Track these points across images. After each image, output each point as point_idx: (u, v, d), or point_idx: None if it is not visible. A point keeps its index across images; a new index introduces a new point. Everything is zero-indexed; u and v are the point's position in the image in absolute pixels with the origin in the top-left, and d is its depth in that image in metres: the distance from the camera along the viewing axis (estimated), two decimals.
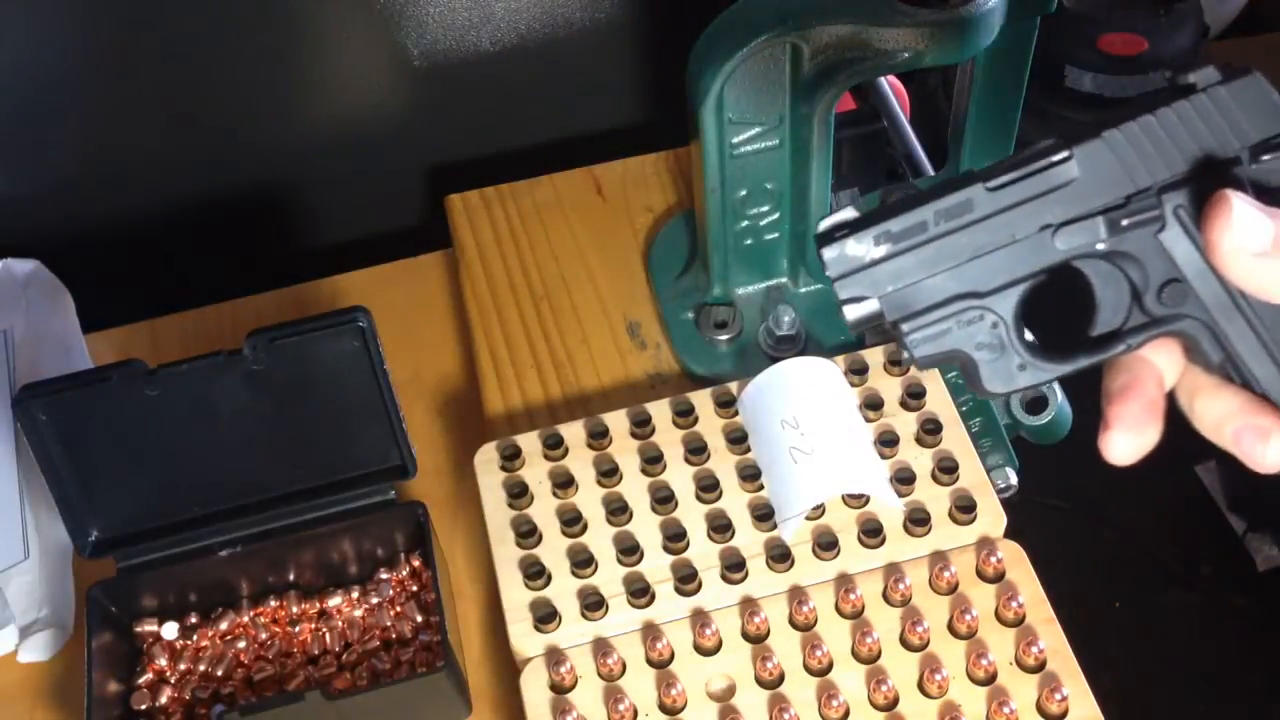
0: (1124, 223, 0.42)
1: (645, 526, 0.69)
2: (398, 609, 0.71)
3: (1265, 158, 0.41)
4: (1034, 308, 0.45)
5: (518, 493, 0.70)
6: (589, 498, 0.70)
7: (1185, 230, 0.42)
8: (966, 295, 0.43)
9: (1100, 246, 0.42)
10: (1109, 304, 0.44)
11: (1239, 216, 0.38)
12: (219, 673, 0.69)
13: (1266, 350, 0.42)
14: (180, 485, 0.70)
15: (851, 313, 0.43)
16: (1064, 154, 0.42)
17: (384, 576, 0.72)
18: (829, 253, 0.43)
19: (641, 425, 0.72)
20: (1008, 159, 0.43)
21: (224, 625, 0.71)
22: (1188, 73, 0.42)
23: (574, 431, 0.72)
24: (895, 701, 0.63)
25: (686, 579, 0.67)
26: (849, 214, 0.44)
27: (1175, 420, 0.44)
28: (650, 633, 0.65)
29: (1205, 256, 0.42)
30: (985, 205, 0.42)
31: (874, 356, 0.72)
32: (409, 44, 0.92)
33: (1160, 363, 0.43)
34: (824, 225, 0.44)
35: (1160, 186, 0.42)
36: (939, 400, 0.71)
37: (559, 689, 0.64)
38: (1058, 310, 0.46)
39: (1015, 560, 0.67)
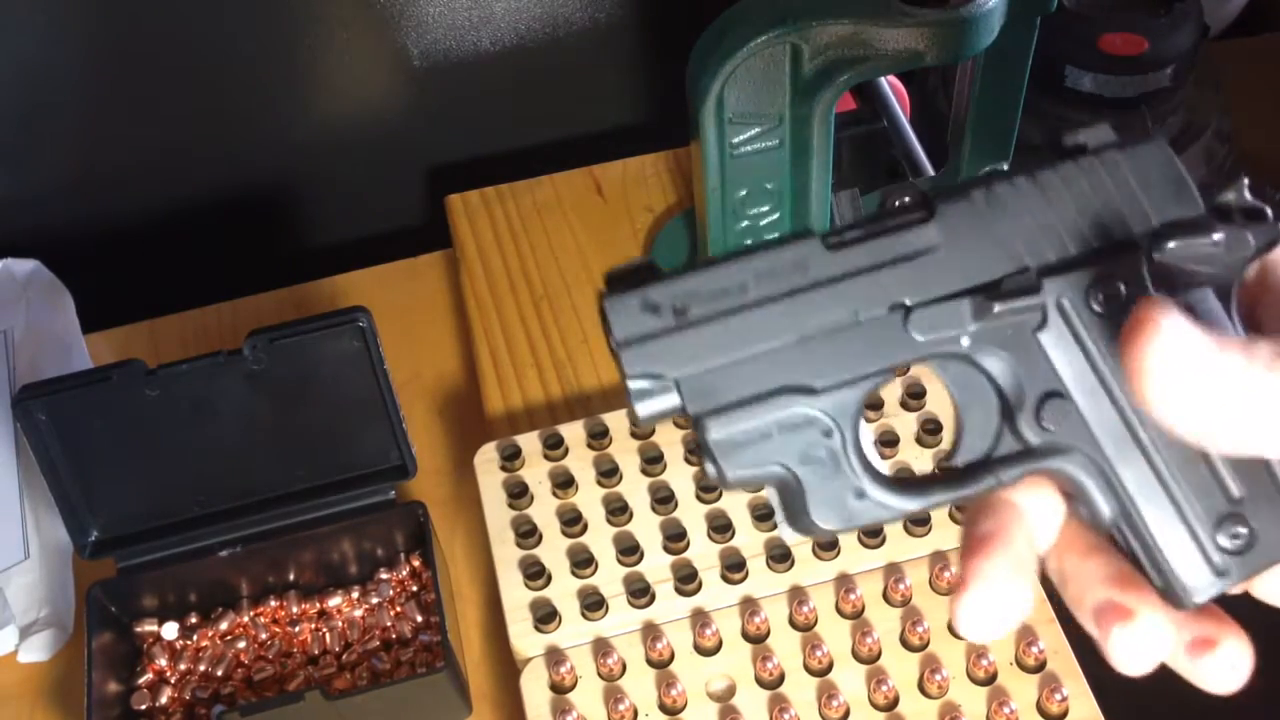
0: (995, 309, 0.32)
1: (645, 526, 0.69)
2: (398, 609, 0.71)
3: (1170, 245, 0.32)
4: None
5: (518, 493, 0.70)
6: (589, 498, 0.70)
7: (1071, 331, 0.33)
8: (794, 390, 0.32)
9: (965, 342, 0.33)
10: (974, 423, 0.34)
11: (1176, 335, 0.28)
12: (219, 673, 0.69)
13: (1170, 499, 0.32)
14: (180, 485, 0.70)
15: (640, 400, 0.32)
16: (923, 213, 0.33)
17: (384, 576, 0.72)
18: (613, 307, 0.32)
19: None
20: (861, 218, 0.34)
21: (224, 625, 0.71)
22: (1077, 131, 0.34)
23: (574, 431, 0.72)
24: (895, 701, 0.63)
25: (686, 579, 0.67)
26: (643, 260, 0.33)
27: None
28: (650, 633, 0.65)
29: (1097, 371, 0.33)
30: (822, 268, 0.33)
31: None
32: (409, 44, 0.92)
33: (1035, 513, 0.33)
34: (615, 270, 0.33)
35: (1041, 269, 0.33)
36: (939, 400, 0.71)
37: (559, 689, 0.64)
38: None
39: None
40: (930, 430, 0.70)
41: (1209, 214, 0.33)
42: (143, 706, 0.68)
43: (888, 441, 0.69)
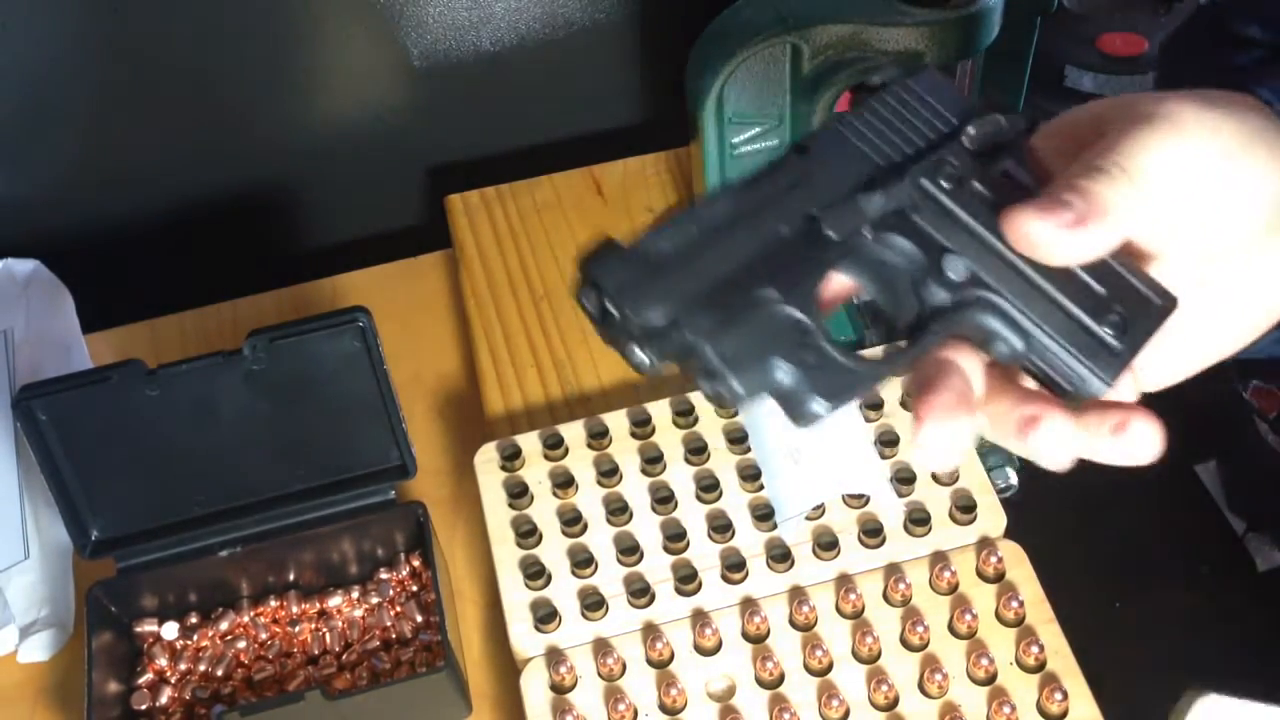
0: (877, 196, 0.40)
1: (645, 526, 0.69)
2: (398, 609, 0.71)
3: (971, 130, 0.42)
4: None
5: (518, 493, 0.70)
6: (589, 498, 0.70)
7: (937, 205, 0.41)
8: (764, 299, 0.38)
9: (868, 233, 0.40)
10: (900, 299, 0.41)
11: (1030, 215, 0.39)
12: (219, 673, 0.69)
13: (1058, 308, 0.40)
14: (180, 485, 0.70)
15: (650, 339, 0.37)
16: (799, 149, 0.41)
17: (384, 576, 0.72)
18: (602, 268, 0.38)
19: (641, 425, 0.72)
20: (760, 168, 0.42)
21: (224, 625, 0.71)
22: (873, 75, 0.45)
23: (574, 431, 0.72)
24: (895, 701, 0.63)
25: (686, 579, 0.67)
26: (604, 238, 0.39)
27: (1176, 418, 0.44)
28: (650, 633, 0.65)
29: (968, 230, 0.41)
30: (742, 204, 0.40)
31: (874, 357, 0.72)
32: (409, 44, 0.92)
33: (965, 366, 0.41)
34: (584, 252, 0.38)
35: (895, 166, 0.41)
36: None
37: (559, 689, 0.64)
38: None
39: (1015, 560, 0.67)
40: (888, 442, 0.70)
41: (988, 106, 0.43)
42: (143, 706, 0.68)
43: (888, 441, 0.69)
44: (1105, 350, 0.40)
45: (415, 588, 0.72)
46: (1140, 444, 0.39)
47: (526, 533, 0.69)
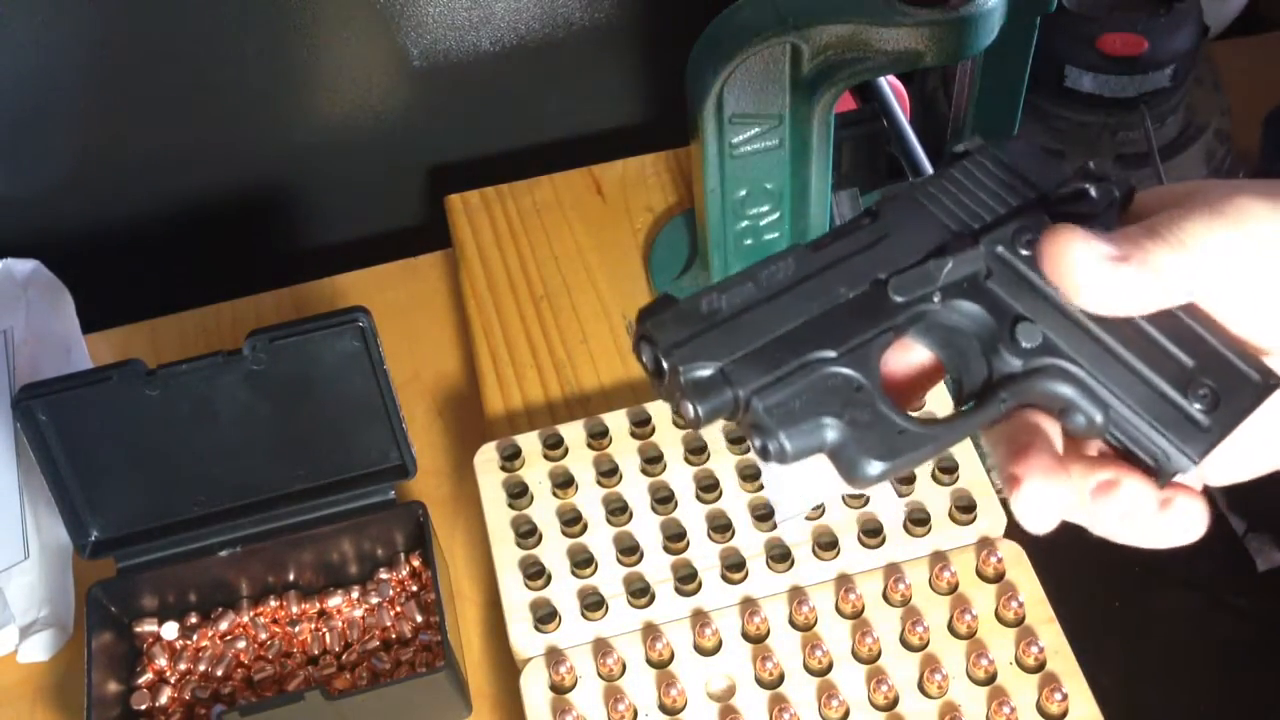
0: (949, 263, 0.40)
1: (645, 526, 0.69)
2: (398, 609, 0.71)
3: (1059, 198, 0.42)
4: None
5: (518, 493, 0.70)
6: (589, 498, 0.70)
7: (1013, 271, 0.40)
8: (817, 359, 0.38)
9: (936, 299, 0.40)
10: (967, 366, 0.40)
11: (1074, 237, 0.38)
12: (219, 673, 0.69)
13: (1141, 380, 0.39)
14: (180, 485, 0.70)
15: (698, 395, 0.38)
16: (872, 214, 0.42)
17: (384, 576, 0.72)
18: (655, 325, 0.39)
19: (641, 425, 0.72)
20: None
21: (224, 625, 0.71)
22: (956, 144, 0.43)
23: (574, 431, 0.72)
24: (895, 701, 0.63)
25: (686, 579, 0.67)
26: (663, 294, 0.40)
27: None
28: (650, 633, 0.65)
29: (1045, 297, 0.40)
30: (807, 266, 0.40)
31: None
32: (409, 44, 0.92)
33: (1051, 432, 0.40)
34: (644, 307, 0.39)
35: (971, 233, 0.41)
36: (939, 400, 0.71)
37: (559, 689, 0.64)
38: None
39: (1015, 560, 0.67)
40: None
41: (1079, 176, 0.42)
42: (143, 706, 0.68)
43: None
44: (1192, 425, 0.39)
45: (415, 588, 0.72)
46: (1182, 523, 0.38)
47: (526, 533, 0.69)
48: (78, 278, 0.87)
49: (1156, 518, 0.39)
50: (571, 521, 0.69)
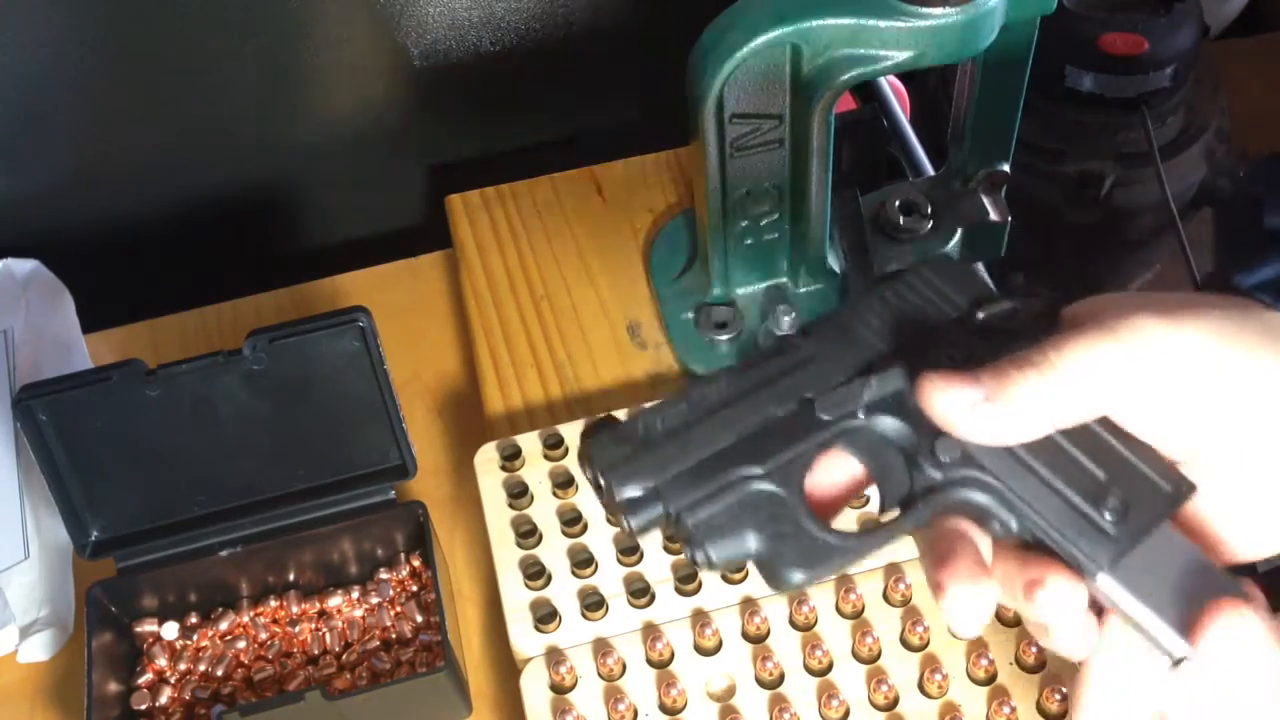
0: (873, 382, 0.43)
1: None
2: (398, 609, 0.71)
3: (980, 315, 0.44)
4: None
5: (518, 493, 0.70)
6: (589, 498, 0.70)
7: None
8: (743, 477, 0.41)
9: (861, 415, 0.43)
10: (889, 477, 0.43)
11: (934, 386, 0.41)
12: (219, 673, 0.70)
13: (1054, 494, 0.41)
14: (180, 485, 0.70)
15: (632, 511, 0.41)
16: (801, 334, 0.44)
17: (384, 576, 0.72)
18: (594, 446, 0.42)
19: None
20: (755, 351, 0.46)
21: (224, 625, 0.71)
22: (889, 263, 0.48)
23: (574, 431, 0.72)
24: (895, 701, 0.63)
25: (686, 579, 0.67)
26: (604, 415, 0.45)
27: None
28: (650, 633, 0.65)
29: None
30: (737, 386, 0.43)
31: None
32: (409, 44, 0.92)
33: (975, 537, 0.42)
34: (585, 427, 0.44)
35: (896, 352, 0.43)
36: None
37: (559, 689, 0.64)
38: None
39: None
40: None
41: (1002, 292, 0.45)
42: (143, 706, 0.68)
43: None
44: (1100, 534, 0.41)
45: (415, 588, 0.72)
46: (1054, 605, 0.40)
47: (526, 533, 0.69)
48: (78, 278, 0.87)
49: (1084, 615, 0.41)
50: (571, 521, 0.69)
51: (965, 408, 0.41)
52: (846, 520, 0.44)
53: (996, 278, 0.46)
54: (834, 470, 0.44)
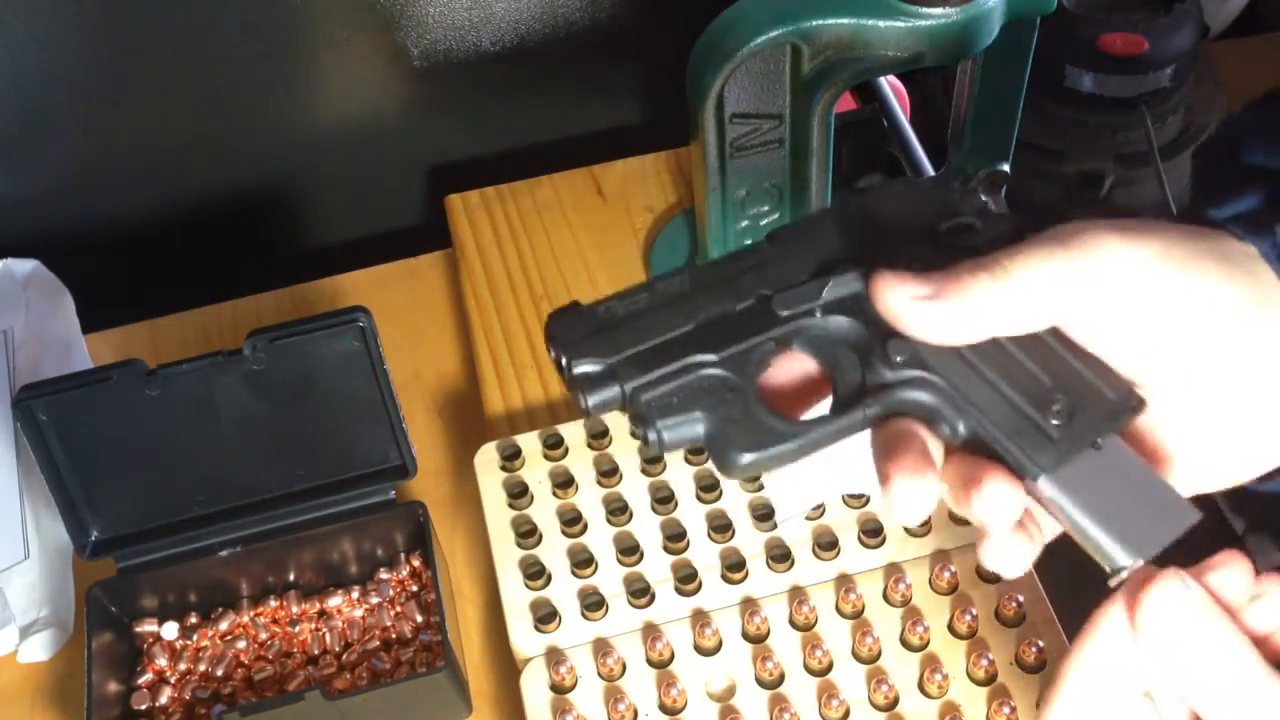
0: (830, 282, 0.43)
1: (645, 526, 0.69)
2: (398, 609, 0.71)
3: (942, 228, 0.45)
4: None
5: (518, 493, 0.70)
6: (589, 498, 0.70)
7: None
8: (700, 364, 0.42)
9: (818, 314, 0.43)
10: (842, 373, 0.44)
11: (883, 281, 0.42)
12: (219, 673, 0.70)
13: (1003, 398, 0.42)
14: (180, 485, 0.70)
15: (588, 388, 0.42)
16: (771, 236, 0.45)
17: (384, 576, 0.72)
18: (555, 322, 0.43)
19: None
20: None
21: (224, 625, 0.71)
22: (858, 183, 0.47)
23: (574, 431, 0.72)
24: (895, 701, 0.63)
25: (686, 579, 0.67)
26: (572, 302, 0.44)
27: None
28: (650, 633, 0.65)
29: None
30: (698, 280, 0.44)
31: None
32: (409, 44, 0.92)
33: (926, 437, 0.43)
34: (553, 310, 0.44)
35: (852, 258, 0.44)
36: None
37: (559, 689, 0.64)
38: None
39: None
40: None
41: (971, 211, 0.45)
42: (143, 706, 0.68)
43: None
44: (1044, 437, 0.41)
45: (415, 588, 0.72)
46: (990, 505, 0.40)
47: (526, 533, 0.69)
48: (78, 278, 0.87)
49: (1020, 525, 0.41)
50: (571, 521, 0.69)
51: (912, 303, 0.41)
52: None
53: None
54: (790, 369, 0.45)
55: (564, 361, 0.43)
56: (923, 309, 0.41)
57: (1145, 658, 0.39)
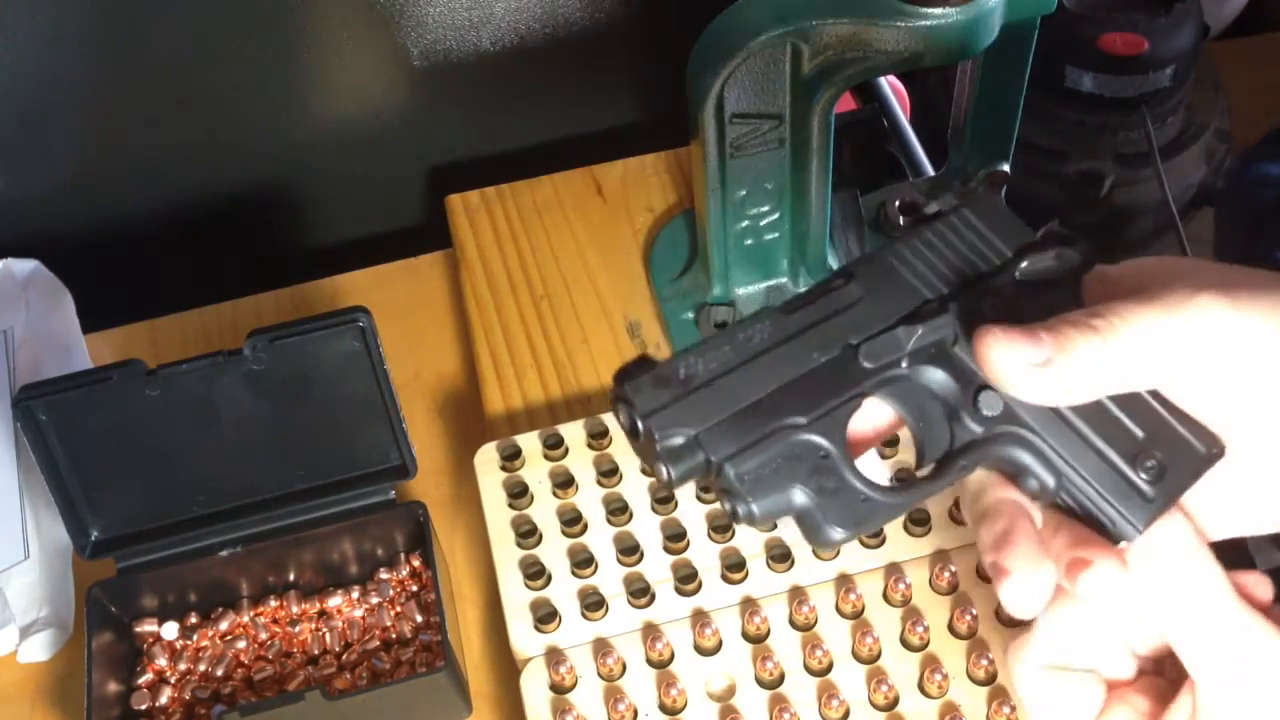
0: (919, 330, 0.41)
1: (645, 526, 0.69)
2: (398, 609, 0.71)
3: (1023, 264, 0.43)
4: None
5: (518, 493, 0.70)
6: (589, 498, 0.70)
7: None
8: (787, 427, 0.40)
9: (904, 364, 0.41)
10: (930, 430, 0.42)
11: (994, 342, 0.40)
12: (219, 673, 0.70)
13: (1094, 451, 0.41)
14: (180, 485, 0.70)
15: (672, 460, 0.39)
16: (846, 275, 0.43)
17: (384, 576, 0.72)
18: (632, 389, 0.40)
19: None
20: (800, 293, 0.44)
21: (224, 625, 0.71)
22: (930, 203, 0.45)
23: (574, 431, 0.72)
24: (895, 701, 0.63)
25: (686, 579, 0.67)
26: (639, 356, 0.42)
27: None
28: (650, 633, 0.65)
29: None
30: (781, 330, 0.42)
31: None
32: (409, 44, 0.92)
33: (1023, 503, 0.41)
34: (620, 367, 0.41)
35: (940, 299, 0.42)
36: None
37: (559, 689, 0.64)
38: None
39: None
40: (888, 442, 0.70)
41: (1043, 240, 0.43)
42: (143, 706, 0.68)
43: (888, 441, 0.69)
44: (1138, 495, 0.40)
45: (415, 588, 0.72)
46: (1097, 588, 0.39)
47: (526, 533, 0.69)
48: (78, 278, 0.87)
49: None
50: (571, 521, 0.69)
51: (1024, 366, 0.39)
52: (870, 461, 0.43)
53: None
54: (863, 416, 0.43)
55: (642, 430, 0.40)
56: (1031, 373, 0.40)
57: (1133, 586, 0.40)
